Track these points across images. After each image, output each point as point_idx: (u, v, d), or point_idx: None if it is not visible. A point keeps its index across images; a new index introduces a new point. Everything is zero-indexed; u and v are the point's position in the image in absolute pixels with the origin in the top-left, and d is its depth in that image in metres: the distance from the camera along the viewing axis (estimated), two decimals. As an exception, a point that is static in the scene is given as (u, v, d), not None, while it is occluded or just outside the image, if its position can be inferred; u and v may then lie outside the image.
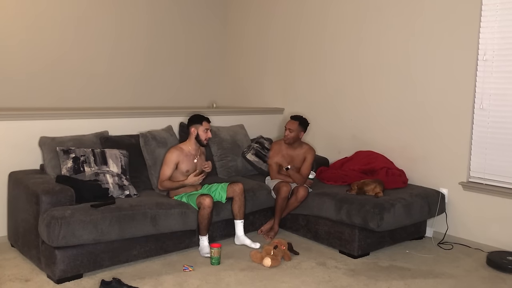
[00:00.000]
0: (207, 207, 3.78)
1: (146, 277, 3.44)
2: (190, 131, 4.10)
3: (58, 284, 3.29)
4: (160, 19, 6.12)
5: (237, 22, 6.52)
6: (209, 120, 4.18)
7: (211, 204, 3.80)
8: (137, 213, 3.55)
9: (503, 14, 4.02)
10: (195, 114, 4.20)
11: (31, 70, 5.21)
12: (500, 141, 4.11)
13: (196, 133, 4.07)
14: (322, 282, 3.46)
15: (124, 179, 3.93)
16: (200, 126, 4.08)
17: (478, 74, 4.18)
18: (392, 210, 3.89)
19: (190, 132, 4.10)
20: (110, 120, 4.49)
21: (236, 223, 4.09)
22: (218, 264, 3.70)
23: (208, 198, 3.81)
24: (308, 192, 4.31)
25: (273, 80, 6.03)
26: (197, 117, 4.14)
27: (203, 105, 6.55)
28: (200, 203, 3.81)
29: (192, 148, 4.10)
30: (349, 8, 5.13)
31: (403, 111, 4.70)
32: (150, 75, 6.08)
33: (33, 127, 4.07)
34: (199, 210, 3.82)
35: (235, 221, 4.09)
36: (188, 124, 4.15)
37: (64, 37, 5.40)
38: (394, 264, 3.85)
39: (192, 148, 4.10)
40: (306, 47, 5.59)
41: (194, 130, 4.08)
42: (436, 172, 4.47)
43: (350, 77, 5.16)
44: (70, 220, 3.24)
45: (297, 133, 4.43)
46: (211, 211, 3.82)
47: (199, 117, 4.13)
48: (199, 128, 4.07)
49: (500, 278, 3.62)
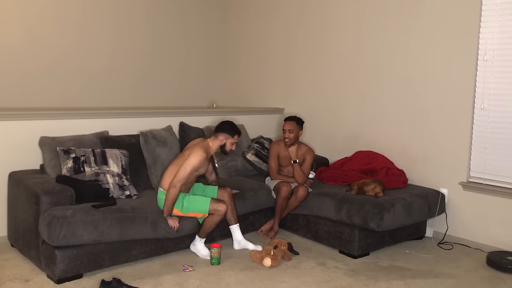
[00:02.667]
0: (223, 213, 3.77)
1: (146, 277, 3.44)
2: (219, 137, 3.92)
3: (58, 284, 3.29)
4: (160, 19, 6.12)
5: (237, 22, 6.52)
6: (241, 134, 4.09)
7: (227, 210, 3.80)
8: (138, 216, 3.55)
9: (503, 14, 4.02)
10: (230, 123, 4.02)
11: (31, 70, 5.21)
12: (500, 141, 4.11)
13: (224, 143, 3.92)
14: (322, 282, 3.46)
15: (125, 179, 3.93)
16: (231, 138, 3.94)
17: (478, 74, 4.18)
18: (392, 210, 3.89)
19: (218, 138, 3.92)
20: (110, 120, 4.49)
21: (233, 228, 3.99)
22: (218, 264, 3.70)
23: (225, 205, 3.78)
24: (308, 192, 4.31)
25: (273, 80, 6.03)
26: (231, 128, 3.97)
27: (203, 105, 6.55)
28: (216, 210, 3.75)
29: (213, 151, 3.98)
30: (349, 8, 5.13)
31: (403, 111, 4.71)
32: (150, 75, 6.08)
33: (33, 127, 4.07)
34: (213, 216, 3.77)
35: (231, 227, 3.99)
36: (219, 129, 3.96)
37: (64, 37, 5.40)
38: (394, 264, 3.85)
39: (214, 152, 3.98)
40: (306, 47, 5.59)
41: (224, 139, 3.91)
42: (436, 172, 4.47)
43: (350, 77, 5.16)
44: (71, 220, 3.25)
45: (296, 133, 4.44)
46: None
47: (233, 129, 3.97)
48: (228, 140, 3.93)
49: (500, 278, 3.62)
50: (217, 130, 3.98)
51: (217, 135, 3.95)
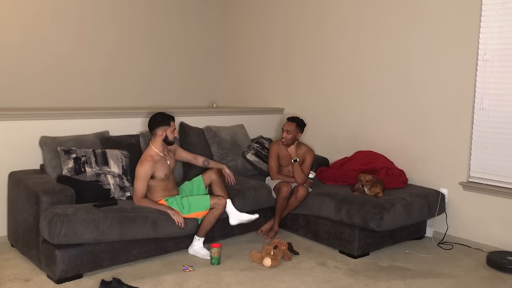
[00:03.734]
0: (224, 206, 3.80)
1: (146, 277, 3.44)
2: (157, 133, 3.77)
3: (58, 284, 3.29)
4: (160, 20, 6.12)
5: (237, 22, 6.52)
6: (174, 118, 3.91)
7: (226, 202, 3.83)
8: (139, 216, 3.54)
9: (503, 14, 4.02)
10: (160, 114, 3.86)
11: (31, 70, 5.22)
12: (500, 141, 4.11)
13: (164, 135, 3.78)
14: (322, 282, 3.46)
15: (125, 180, 3.93)
16: (168, 127, 3.79)
17: (478, 74, 4.18)
18: (392, 210, 3.89)
19: (157, 134, 3.77)
20: (111, 120, 4.48)
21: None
22: (218, 264, 3.70)
23: (224, 198, 3.83)
24: (308, 192, 4.31)
25: (273, 80, 6.03)
26: (163, 118, 3.81)
27: (203, 105, 6.55)
28: (216, 204, 3.78)
29: (160, 150, 3.81)
30: (349, 8, 5.13)
31: (403, 111, 4.71)
32: (150, 75, 6.08)
33: (34, 127, 4.07)
34: (213, 210, 3.79)
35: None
36: (152, 126, 3.80)
37: (64, 37, 5.41)
38: (394, 264, 3.85)
39: (160, 151, 3.81)
40: (306, 47, 5.59)
41: (162, 132, 3.77)
42: (436, 172, 4.47)
43: (350, 77, 5.16)
44: (72, 218, 3.25)
45: (294, 135, 4.43)
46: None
47: (165, 118, 3.81)
48: (167, 130, 3.79)
49: (500, 278, 3.62)
50: (151, 128, 3.82)
51: (154, 133, 3.80)
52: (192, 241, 3.88)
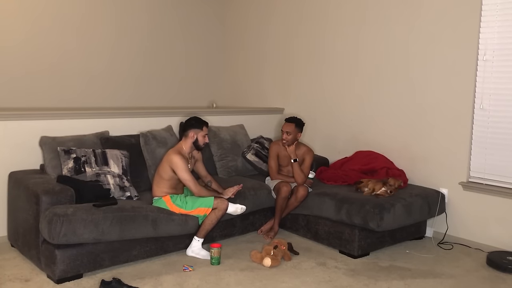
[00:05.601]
0: (225, 208, 3.80)
1: (146, 277, 3.44)
2: (189, 135, 3.94)
3: (58, 284, 3.29)
4: (160, 20, 6.12)
5: (237, 21, 6.52)
6: (208, 124, 4.09)
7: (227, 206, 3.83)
8: (139, 215, 3.55)
9: (503, 14, 4.02)
10: (195, 118, 4.04)
11: (31, 70, 5.22)
12: (500, 141, 4.11)
13: (195, 138, 3.94)
14: (322, 282, 3.46)
15: (125, 180, 3.93)
16: (200, 131, 3.95)
17: (478, 74, 4.18)
18: (392, 210, 3.89)
19: (189, 135, 3.94)
20: (110, 120, 4.49)
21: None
22: (218, 264, 3.70)
23: (226, 201, 3.83)
24: (308, 192, 4.31)
25: (273, 80, 6.03)
26: (197, 122, 3.98)
27: (203, 105, 6.55)
28: (218, 204, 3.79)
29: (187, 151, 3.96)
30: (348, 8, 5.13)
31: (403, 111, 4.71)
32: (150, 75, 6.08)
33: (34, 127, 4.07)
34: (215, 210, 3.79)
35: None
36: (186, 127, 3.98)
37: (64, 37, 5.41)
38: (394, 264, 3.85)
39: (187, 152, 3.96)
40: (305, 47, 5.60)
41: (194, 134, 3.93)
42: (436, 172, 4.47)
43: (350, 77, 5.17)
44: (72, 218, 3.25)
45: (294, 135, 4.44)
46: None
47: (200, 122, 3.98)
48: (199, 133, 3.94)
49: (500, 278, 3.62)
50: (184, 129, 3.99)
51: (186, 134, 3.96)
52: (191, 243, 3.87)
